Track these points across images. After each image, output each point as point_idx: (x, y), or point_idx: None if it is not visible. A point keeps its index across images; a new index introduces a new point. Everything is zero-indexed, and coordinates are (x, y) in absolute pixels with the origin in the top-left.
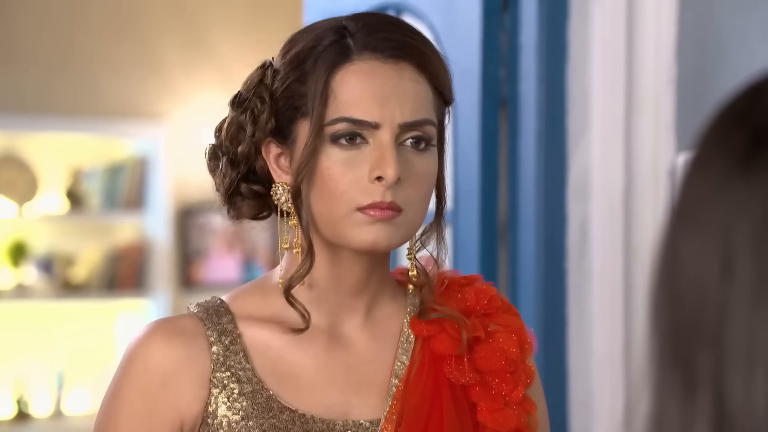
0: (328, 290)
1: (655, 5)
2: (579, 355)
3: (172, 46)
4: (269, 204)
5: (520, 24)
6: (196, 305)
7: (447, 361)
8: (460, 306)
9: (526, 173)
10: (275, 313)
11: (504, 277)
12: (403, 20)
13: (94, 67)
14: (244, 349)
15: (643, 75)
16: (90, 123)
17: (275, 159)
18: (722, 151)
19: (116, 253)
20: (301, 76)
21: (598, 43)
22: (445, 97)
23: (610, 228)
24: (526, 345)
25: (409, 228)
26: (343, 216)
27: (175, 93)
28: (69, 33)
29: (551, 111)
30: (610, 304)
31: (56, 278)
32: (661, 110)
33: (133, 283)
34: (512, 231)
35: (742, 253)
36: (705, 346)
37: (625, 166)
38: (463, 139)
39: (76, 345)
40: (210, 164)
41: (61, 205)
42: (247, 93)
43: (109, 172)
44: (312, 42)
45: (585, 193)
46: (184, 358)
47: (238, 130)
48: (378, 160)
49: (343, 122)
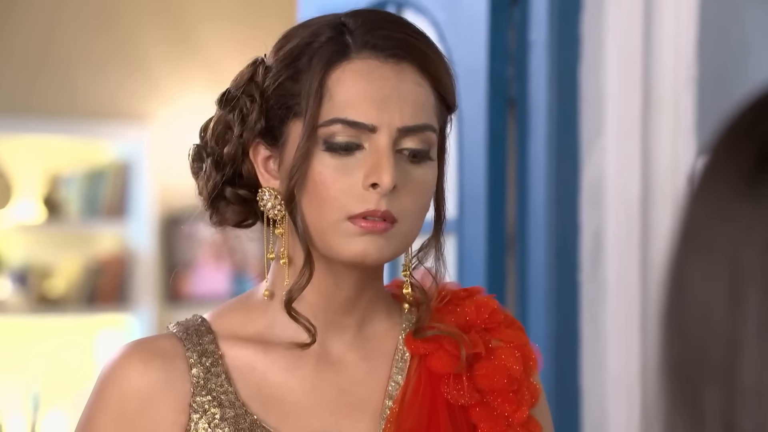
0: (315, 307)
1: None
2: (593, 374)
3: (157, 42)
4: (255, 210)
5: (530, 19)
6: (175, 324)
7: (445, 380)
8: (459, 320)
9: (535, 179)
10: (260, 331)
11: (512, 290)
12: (405, 19)
13: (73, 64)
14: (226, 371)
15: (662, 73)
16: (69, 125)
17: (263, 162)
18: (729, 168)
19: (97, 265)
20: (294, 74)
21: (614, 39)
22: (448, 102)
23: (626, 237)
24: (530, 362)
25: (403, 241)
26: (333, 225)
27: (160, 92)
28: (46, 28)
29: (563, 112)
30: (626, 319)
31: (32, 292)
32: (680, 111)
33: (115, 296)
34: (521, 241)
35: (752, 280)
36: (713, 381)
37: (642, 171)
38: (469, 143)
39: (53, 364)
40: (193, 166)
41: (38, 213)
42: (237, 91)
43: (89, 177)
44: (308, 38)
45: (599, 200)
46: (161, 382)
47: (225, 130)
48: (374, 166)
49: (338, 123)
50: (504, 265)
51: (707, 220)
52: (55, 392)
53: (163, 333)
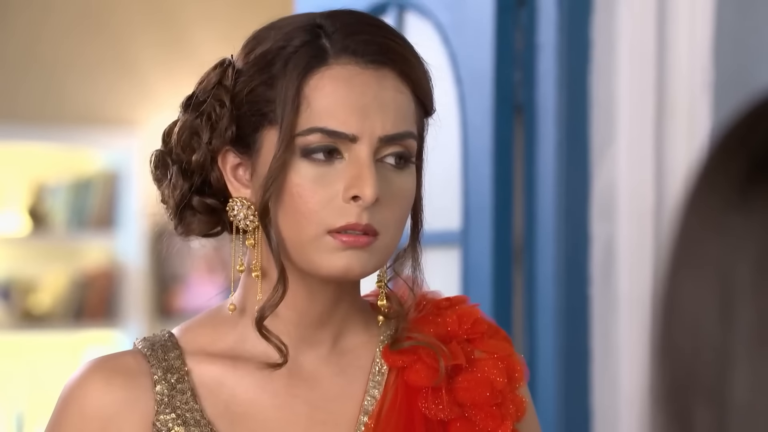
0: (288, 322)
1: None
2: (604, 393)
3: (148, 44)
4: (223, 219)
5: (538, 21)
6: (142, 340)
7: (423, 394)
8: (439, 331)
9: (544, 188)
10: (230, 346)
11: (519, 305)
12: (384, 21)
13: (59, 67)
14: (192, 388)
15: (677, 77)
16: (54, 131)
17: (232, 170)
18: (721, 179)
19: (84, 279)
20: (268, 80)
21: (626, 41)
22: (426, 107)
23: (639, 249)
24: (515, 373)
25: (384, 253)
26: (312, 239)
27: (151, 97)
28: (31, 29)
29: (573, 118)
30: (639, 335)
31: (16, 307)
32: (696, 117)
33: (103, 312)
34: (529, 253)
35: (743, 294)
36: (704, 400)
37: (655, 179)
38: (474, 151)
39: (37, 383)
40: (156, 173)
41: (22, 224)
42: (204, 95)
43: (76, 187)
44: (281, 41)
45: (611, 211)
46: (123, 401)
47: (191, 136)
48: (354, 178)
49: (317, 133)
50: (511, 279)
51: (698, 232)
52: (39, 412)
53: (128, 350)
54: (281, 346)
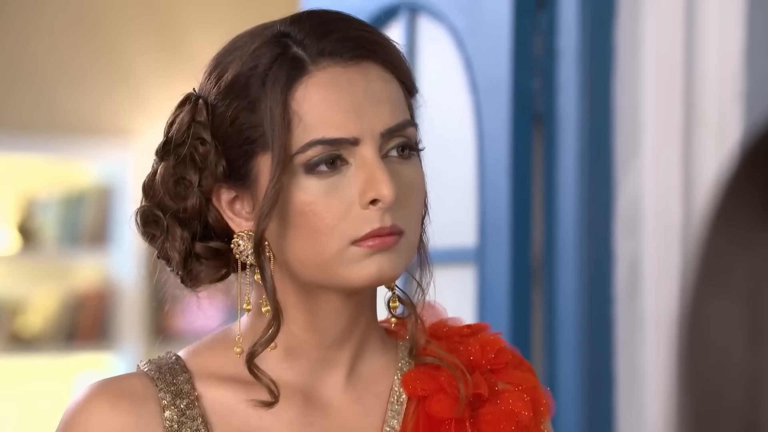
0: (306, 344)
1: (718, 3)
2: (629, 419)
3: (143, 51)
4: (230, 260)
5: (558, 25)
6: (147, 362)
7: (446, 427)
8: (461, 360)
9: (565, 202)
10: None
11: (539, 326)
12: (346, 13)
13: (50, 75)
14: (203, 414)
15: (706, 86)
16: (46, 142)
17: (229, 206)
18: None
19: (76, 300)
20: (249, 104)
21: (652, 47)
22: (410, 89)
23: (665, 267)
24: (541, 407)
25: (411, 251)
26: (336, 254)
27: (146, 106)
28: (20, 35)
29: (595, 128)
30: (666, 358)
31: (3, 330)
32: (726, 128)
33: (96, 334)
34: (549, 271)
35: None
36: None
37: (683, 193)
38: (491, 162)
39: (27, 409)
40: (146, 230)
41: (10, 241)
42: (181, 136)
43: (68, 201)
44: (250, 61)
45: (636, 226)
46: (131, 426)
47: (177, 183)
48: (368, 181)
49: (317, 146)
50: (530, 299)
51: (724, 248)
52: None
53: (134, 372)
54: (271, 386)
